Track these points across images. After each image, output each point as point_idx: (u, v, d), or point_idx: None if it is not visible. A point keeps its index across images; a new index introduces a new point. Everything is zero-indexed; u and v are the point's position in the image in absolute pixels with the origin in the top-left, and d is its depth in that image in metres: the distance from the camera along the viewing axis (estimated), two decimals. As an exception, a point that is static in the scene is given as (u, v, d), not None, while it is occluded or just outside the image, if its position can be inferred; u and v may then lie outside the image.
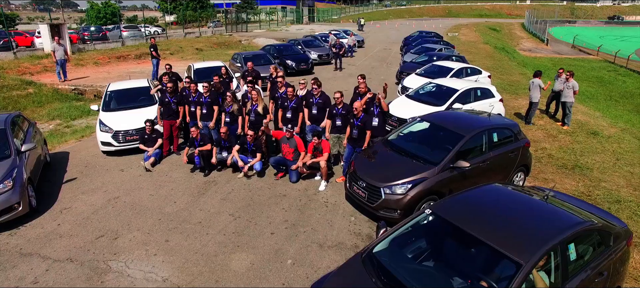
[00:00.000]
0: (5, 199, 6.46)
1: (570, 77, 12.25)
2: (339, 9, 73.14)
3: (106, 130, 9.51)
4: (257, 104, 8.65)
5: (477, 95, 11.24)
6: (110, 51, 23.56)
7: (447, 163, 6.73)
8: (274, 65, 11.58)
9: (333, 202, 7.49)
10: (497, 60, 29.13)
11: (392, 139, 7.78)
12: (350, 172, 7.22)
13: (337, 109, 8.35)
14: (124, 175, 8.64)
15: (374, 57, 26.73)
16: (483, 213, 4.49)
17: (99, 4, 57.08)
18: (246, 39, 33.35)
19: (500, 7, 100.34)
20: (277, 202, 7.44)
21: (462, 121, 7.66)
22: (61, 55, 16.03)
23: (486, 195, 4.87)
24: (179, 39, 30.34)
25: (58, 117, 13.55)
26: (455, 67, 14.79)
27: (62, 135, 11.76)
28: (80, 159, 9.62)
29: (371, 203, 6.65)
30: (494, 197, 4.85)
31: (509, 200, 4.79)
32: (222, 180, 8.32)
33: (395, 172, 6.73)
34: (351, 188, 7.07)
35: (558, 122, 12.88)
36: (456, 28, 56.11)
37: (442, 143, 7.27)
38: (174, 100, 9.46)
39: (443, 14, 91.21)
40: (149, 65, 20.97)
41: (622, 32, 73.38)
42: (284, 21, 52.75)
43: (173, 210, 7.15)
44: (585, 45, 51.95)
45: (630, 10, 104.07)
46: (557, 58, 44.64)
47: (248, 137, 8.15)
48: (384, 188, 6.53)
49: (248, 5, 60.99)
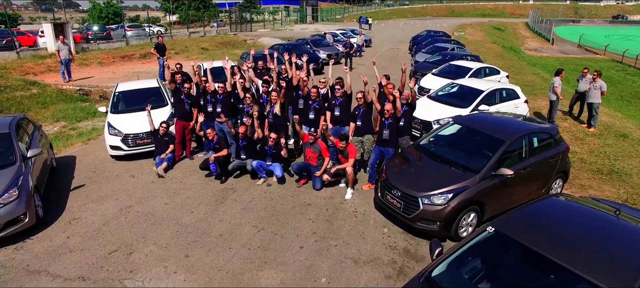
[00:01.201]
0: (10, 210, 5.94)
1: (597, 77, 11.72)
2: (342, 8, 72.61)
3: (115, 134, 8.99)
4: (275, 105, 8.13)
5: (503, 96, 10.73)
6: (115, 51, 23.05)
7: (488, 171, 6.21)
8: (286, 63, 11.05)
9: (362, 212, 6.97)
10: (508, 59, 28.62)
11: (424, 144, 7.26)
12: (382, 180, 6.70)
13: (359, 109, 7.84)
14: (135, 181, 8.12)
15: (382, 57, 26.20)
16: (554, 231, 3.96)
17: (101, 3, 56.64)
18: (251, 39, 32.83)
19: (504, 6, 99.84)
20: (303, 211, 6.92)
21: (500, 125, 7.13)
22: (66, 55, 15.52)
23: (550, 210, 4.35)
24: (184, 38, 29.83)
25: (63, 118, 13.04)
26: (474, 67, 14.27)
27: (68, 138, 11.25)
28: (88, 164, 9.10)
29: (407, 214, 6.13)
30: (559, 212, 4.33)
31: (578, 216, 4.27)
32: (241, 187, 7.80)
33: (433, 180, 6.21)
34: (383, 197, 6.55)
35: (583, 124, 12.35)
36: (461, 27, 55.58)
37: (480, 148, 6.76)
38: (188, 101, 8.94)
39: (446, 14, 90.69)
40: (155, 65, 20.49)
41: (627, 31, 72.83)
42: (288, 21, 52.20)
43: (191, 220, 6.63)
44: (591, 45, 51.47)
45: (635, 10, 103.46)
46: (563, 57, 44.12)
47: (270, 141, 7.62)
48: (422, 198, 6.01)
49: (251, 5, 60.46)
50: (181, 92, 9.03)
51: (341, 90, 8.17)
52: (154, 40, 27.08)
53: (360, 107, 7.80)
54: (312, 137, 7.55)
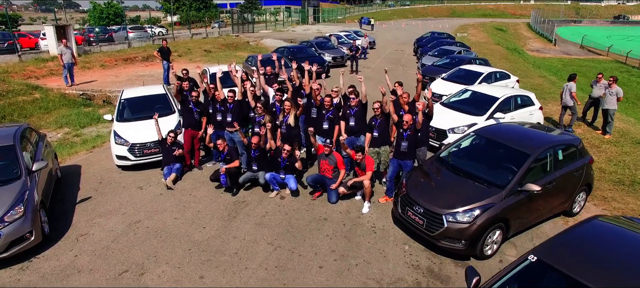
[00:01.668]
0: (15, 229, 5.68)
1: (613, 83, 11.45)
2: (343, 9, 72.35)
3: (122, 143, 8.72)
4: (289, 115, 7.86)
5: (518, 103, 10.47)
6: (117, 53, 22.77)
7: (514, 186, 5.95)
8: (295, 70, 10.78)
9: (381, 227, 6.71)
10: (513, 61, 28.37)
11: (445, 157, 7.00)
12: (402, 195, 6.44)
13: (375, 119, 7.58)
14: (143, 194, 7.85)
15: (387, 59, 25.96)
16: (602, 260, 3.70)
17: (102, 4, 56.35)
18: (254, 40, 32.56)
19: (505, 6, 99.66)
20: (319, 227, 6.66)
21: (524, 137, 6.87)
22: (69, 59, 15.24)
23: (596, 235, 4.09)
24: (186, 40, 29.55)
25: (66, 124, 12.77)
26: (484, 72, 14.01)
27: (72, 146, 10.98)
28: (94, 174, 8.84)
29: (431, 232, 5.87)
30: (606, 237, 4.07)
31: (627, 242, 4.00)
32: (253, 200, 7.53)
33: (457, 196, 5.95)
34: (404, 213, 6.29)
35: (598, 131, 12.09)
36: (463, 28, 55.36)
37: (504, 162, 6.51)
38: (197, 109, 8.67)
39: (447, 14, 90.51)
40: (158, 68, 20.22)
41: (628, 31, 72.65)
42: (290, 21, 51.93)
43: (203, 237, 6.36)
44: (593, 45, 51.23)
45: (636, 10, 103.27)
46: (566, 58, 43.91)
47: (284, 152, 7.35)
48: (446, 216, 5.75)
49: (252, 5, 60.17)
50: (189, 100, 8.77)
51: (356, 99, 7.91)
52: (156, 42, 26.83)
53: (377, 118, 7.53)
54: (328, 149, 7.29)
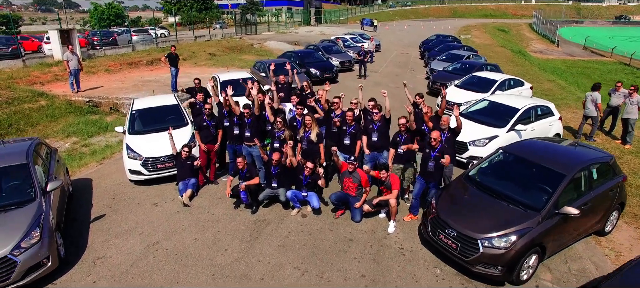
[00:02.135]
0: (33, 254, 5.43)
1: (634, 92, 11.21)
2: (345, 10, 72.11)
3: (135, 157, 8.46)
4: (311, 130, 7.61)
5: (538, 114, 10.23)
6: (121, 57, 22.49)
7: (551, 209, 5.72)
8: (307, 80, 10.52)
9: (409, 248, 6.47)
10: (520, 65, 28.15)
11: (474, 175, 6.77)
12: (432, 217, 6.20)
13: (400, 135, 7.34)
14: (158, 211, 7.60)
15: (394, 63, 25.73)
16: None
17: (102, 5, 56.05)
18: (258, 43, 32.30)
19: (506, 7, 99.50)
20: (345, 249, 6.42)
21: (557, 155, 6.64)
22: (75, 65, 14.97)
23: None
24: (190, 42, 29.26)
25: (74, 133, 12.51)
26: (498, 79, 13.78)
27: (81, 157, 10.72)
28: (106, 189, 8.58)
29: (465, 257, 5.64)
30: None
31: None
32: (274, 218, 7.29)
33: (493, 220, 5.72)
34: (435, 235, 6.05)
35: (616, 140, 11.86)
36: (466, 29, 55.15)
37: (537, 182, 6.28)
38: (212, 123, 8.42)
39: (449, 15, 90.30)
40: (164, 72, 19.96)
41: (630, 32, 72.51)
42: (292, 22, 51.66)
43: (226, 260, 6.12)
44: (595, 46, 51.04)
45: (637, 10, 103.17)
46: (570, 60, 43.73)
47: (306, 170, 7.10)
48: (482, 241, 5.52)
49: (254, 6, 59.90)
50: (203, 113, 8.51)
51: (379, 113, 7.67)
52: (160, 45, 26.55)
53: (402, 134, 7.30)
54: (352, 166, 7.04)
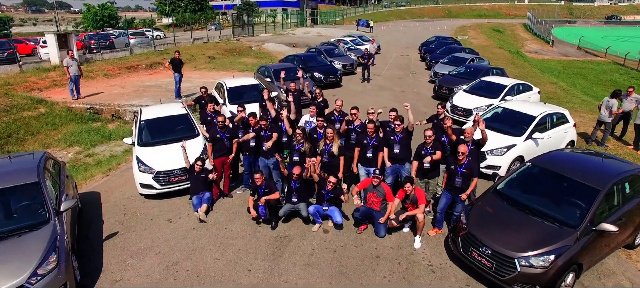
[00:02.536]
0: (49, 281, 5.12)
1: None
2: (340, 10, 71.93)
3: (146, 171, 8.15)
4: (332, 143, 7.37)
5: (553, 121, 10.09)
6: (119, 61, 22.07)
7: (588, 226, 5.56)
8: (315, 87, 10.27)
9: (438, 265, 6.28)
10: (520, 66, 28.19)
11: (503, 190, 6.58)
12: (464, 234, 6.00)
13: (426, 149, 7.13)
14: (174, 228, 7.32)
15: (395, 65, 25.56)
16: None
17: (95, 5, 55.34)
18: (256, 45, 31.98)
19: (499, 7, 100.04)
20: (373, 266, 6.20)
21: (589, 169, 6.49)
22: (75, 71, 14.58)
23: None
24: (188, 45, 28.86)
25: (77, 143, 12.15)
26: (508, 84, 13.65)
27: (87, 168, 10.39)
28: (115, 203, 8.27)
29: (501, 276, 5.45)
30: None
31: None
32: (295, 234, 7.05)
33: (528, 237, 5.54)
34: (467, 253, 5.86)
35: (629, 146, 11.79)
36: (462, 30, 55.23)
37: (570, 197, 6.13)
38: (226, 135, 8.14)
39: (443, 15, 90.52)
40: (164, 77, 19.62)
41: (622, 32, 73.30)
42: (288, 24, 51.36)
43: (251, 282, 5.87)
44: (589, 46, 51.44)
45: (627, 10, 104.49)
46: (565, 60, 43.99)
47: (329, 185, 6.87)
48: (519, 260, 5.34)
49: (249, 7, 59.51)
50: (215, 125, 8.23)
51: (401, 125, 7.46)
52: (158, 48, 26.15)
53: (428, 147, 7.09)
54: (377, 180, 6.82)
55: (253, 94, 12.73)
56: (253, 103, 12.01)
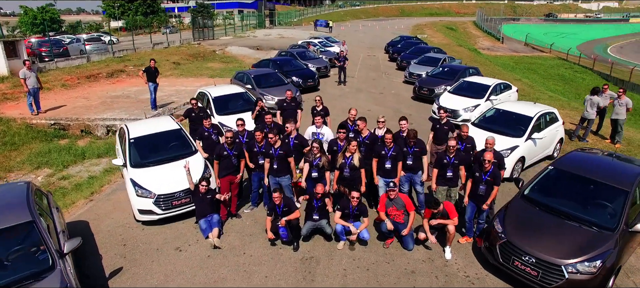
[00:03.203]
0: (67, 340, 4.41)
1: (622, 94, 11.79)
2: (297, 11, 71.52)
3: (145, 195, 7.39)
4: (352, 156, 7.03)
5: (547, 121, 10.36)
6: (77, 69, 20.35)
7: (625, 228, 5.64)
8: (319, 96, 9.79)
9: (475, 276, 6.14)
10: (482, 64, 29.17)
11: (532, 195, 6.57)
12: (502, 243, 5.90)
13: (449, 157, 7.00)
14: (186, 257, 6.66)
15: (365, 66, 25.59)
16: None
17: (34, 8, 51.18)
18: (219, 49, 30.88)
19: (449, 5, 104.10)
20: (411, 282, 5.96)
21: (610, 170, 6.63)
22: (33, 83, 13.16)
23: None
24: (148, 50, 27.27)
25: (45, 164, 10.93)
26: (491, 84, 13.97)
27: (65, 193, 9.34)
28: (110, 233, 7.44)
29: (548, 284, 5.39)
30: None
31: None
32: (321, 254, 6.65)
33: (571, 243, 5.53)
34: (508, 262, 5.75)
35: (606, 140, 12.44)
36: (419, 29, 56.70)
37: (599, 199, 6.22)
38: (234, 152, 7.55)
39: (397, 14, 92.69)
40: (131, 85, 18.36)
41: (561, 29, 78.93)
42: (247, 25, 50.23)
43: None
44: (535, 43, 54.73)
45: (562, 8, 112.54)
46: (516, 56, 46.28)
47: (353, 201, 6.54)
48: (566, 267, 5.30)
49: (205, 9, 57.59)
50: (216, 141, 7.61)
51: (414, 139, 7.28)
52: (117, 55, 24.48)
53: (450, 155, 6.95)
54: (394, 193, 6.57)
55: (240, 102, 12.11)
56: (242, 113, 11.43)
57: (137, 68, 21.77)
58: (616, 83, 29.94)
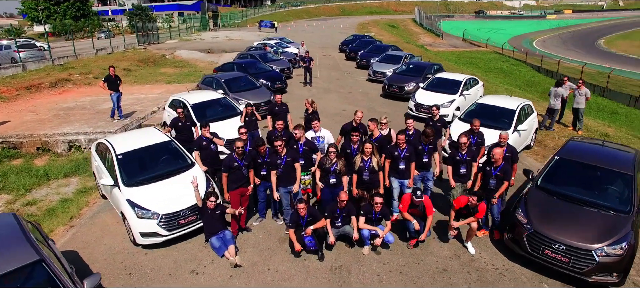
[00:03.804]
0: None
1: (582, 85, 12.81)
2: (240, 12, 69.99)
3: (147, 216, 6.72)
4: (371, 159, 6.89)
5: (526, 113, 10.98)
6: (12, 80, 18.18)
7: (637, 209, 6.07)
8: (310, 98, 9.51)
9: (503, 267, 6.30)
10: (434, 60, 30.42)
11: (546, 185, 6.84)
12: (528, 234, 6.08)
13: (461, 154, 7.13)
14: (206, 280, 6.14)
15: (325, 67, 25.58)
16: None
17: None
18: (169, 53, 29.28)
19: (387, 4, 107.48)
20: (448, 281, 5.97)
21: (609, 157, 7.14)
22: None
23: None
24: (92, 57, 25.14)
25: (2, 190, 9.59)
26: (462, 79, 14.53)
27: (38, 221, 8.21)
28: (108, 262, 6.67)
29: (579, 269, 5.65)
30: None
31: None
32: (350, 263, 6.45)
33: (596, 228, 5.85)
34: (539, 252, 5.95)
35: (568, 127, 13.44)
36: (364, 27, 57.83)
37: (608, 184, 6.66)
38: (244, 163, 7.08)
39: (338, 13, 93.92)
40: (82, 95, 16.78)
41: (492, 25, 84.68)
42: (191, 28, 48.21)
43: (338, 328, 5.18)
44: (471, 38, 58.22)
45: (489, 6, 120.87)
46: (457, 51, 48.83)
47: (376, 206, 6.40)
48: (596, 251, 5.58)
49: (143, 12, 54.38)
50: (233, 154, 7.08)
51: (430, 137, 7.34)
52: (57, 62, 22.28)
53: (462, 152, 7.08)
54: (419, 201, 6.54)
55: (219, 109, 11.50)
56: (224, 120, 10.88)
57: (84, 76, 20.03)
58: (546, 75, 32.72)
